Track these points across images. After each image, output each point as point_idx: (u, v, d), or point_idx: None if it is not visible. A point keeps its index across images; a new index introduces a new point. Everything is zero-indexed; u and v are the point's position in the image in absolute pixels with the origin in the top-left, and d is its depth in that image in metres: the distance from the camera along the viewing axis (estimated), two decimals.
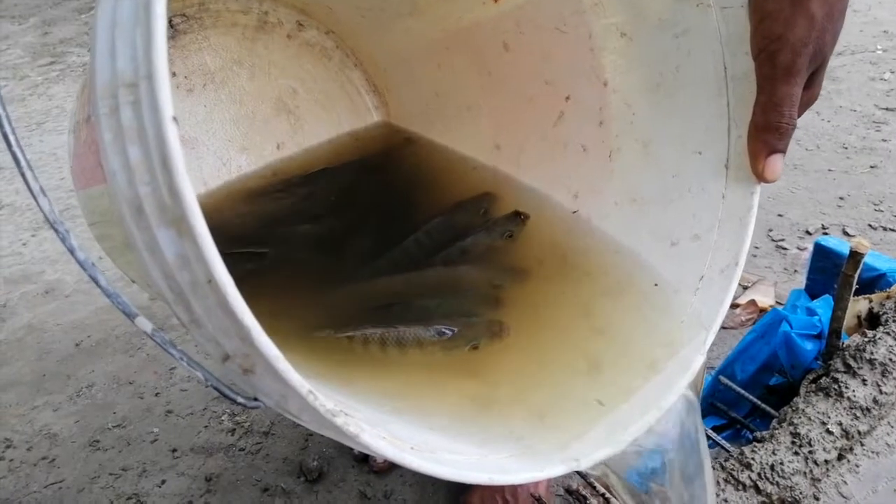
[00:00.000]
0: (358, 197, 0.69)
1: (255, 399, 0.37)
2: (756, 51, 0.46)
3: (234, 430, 0.94)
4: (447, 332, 0.53)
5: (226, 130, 0.71)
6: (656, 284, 0.53)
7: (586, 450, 0.41)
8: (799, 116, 0.47)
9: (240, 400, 0.37)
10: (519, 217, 0.65)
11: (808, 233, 1.22)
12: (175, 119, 0.27)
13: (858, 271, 0.61)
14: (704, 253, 0.51)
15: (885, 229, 1.21)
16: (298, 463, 0.87)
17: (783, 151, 0.46)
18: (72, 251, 0.33)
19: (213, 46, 0.69)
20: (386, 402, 0.46)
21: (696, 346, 0.47)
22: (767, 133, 0.46)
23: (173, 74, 0.67)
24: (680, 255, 0.53)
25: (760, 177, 0.47)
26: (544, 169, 0.68)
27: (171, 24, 0.66)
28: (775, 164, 0.46)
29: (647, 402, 0.45)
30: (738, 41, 0.48)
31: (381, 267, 0.61)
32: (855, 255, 0.60)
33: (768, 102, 0.45)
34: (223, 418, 0.96)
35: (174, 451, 0.92)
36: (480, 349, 0.52)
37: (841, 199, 1.31)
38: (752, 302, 1.03)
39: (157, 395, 1.02)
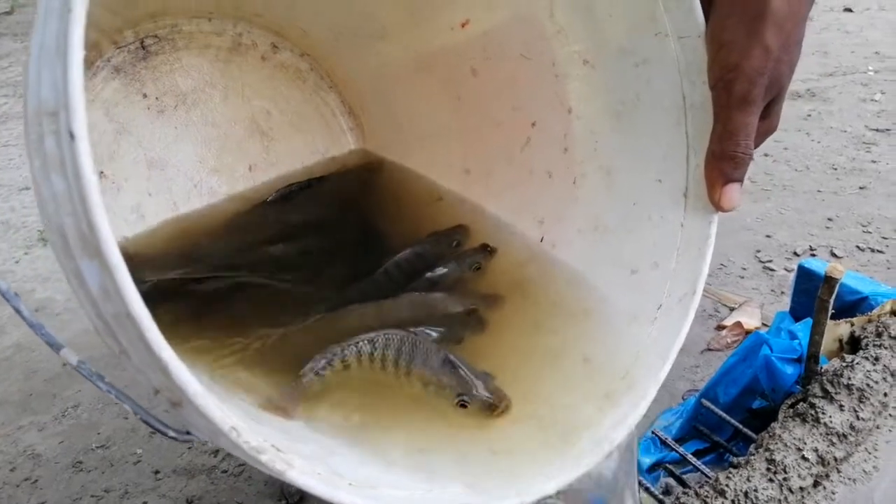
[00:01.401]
0: (329, 222, 0.70)
1: (188, 433, 0.37)
2: (713, 80, 0.46)
3: (217, 451, 0.93)
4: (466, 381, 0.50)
5: (197, 152, 0.71)
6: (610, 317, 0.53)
7: (535, 485, 0.40)
8: (756, 146, 0.47)
9: (171, 434, 0.37)
10: (487, 250, 0.66)
11: (795, 254, 1.22)
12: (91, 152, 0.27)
13: (834, 296, 0.61)
14: (663, 281, 0.51)
15: (872, 251, 1.21)
16: (280, 486, 0.87)
17: (740, 181, 0.47)
18: None
19: (185, 67, 0.70)
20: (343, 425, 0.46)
21: (652, 377, 0.46)
22: (723, 162, 0.46)
23: (144, 95, 0.67)
24: (640, 284, 0.53)
25: (717, 206, 0.48)
26: (512, 194, 0.68)
27: (142, 45, 0.66)
28: (732, 193, 0.47)
29: (600, 435, 0.44)
30: (696, 70, 0.48)
31: (351, 297, 0.61)
32: (830, 280, 0.60)
33: (724, 131, 0.46)
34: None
35: (157, 472, 0.92)
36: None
37: (829, 220, 1.31)
38: (739, 324, 1.03)
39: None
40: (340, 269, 0.64)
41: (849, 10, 2.39)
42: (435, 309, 0.59)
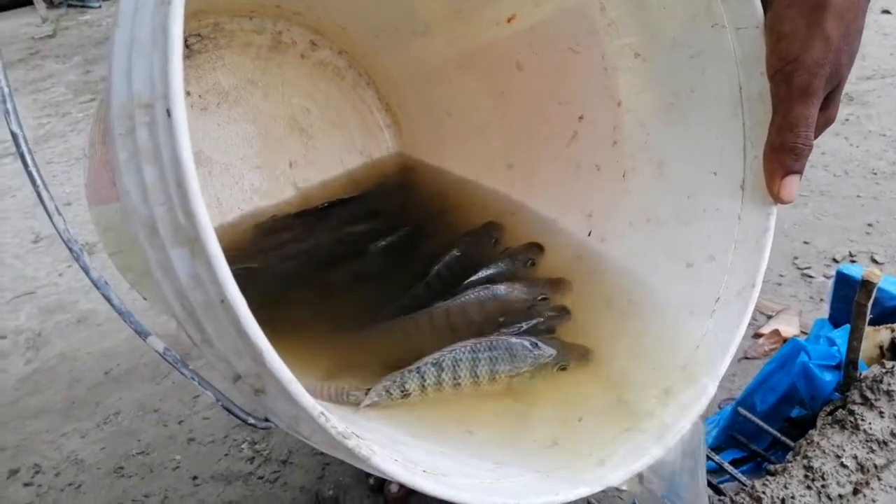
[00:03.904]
0: (372, 228, 0.70)
1: (266, 420, 0.38)
2: (772, 71, 0.46)
3: (254, 458, 0.95)
4: (546, 352, 0.52)
5: (239, 148, 0.72)
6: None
7: (600, 475, 0.41)
8: (815, 138, 0.47)
9: (251, 420, 0.38)
10: (537, 246, 0.66)
11: (834, 260, 1.20)
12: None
13: (871, 300, 0.60)
14: (720, 275, 0.50)
15: None
16: (315, 492, 0.88)
17: (800, 172, 0.46)
18: (85, 270, 0.35)
19: (227, 66, 0.71)
20: (406, 420, 0.47)
21: (712, 371, 0.47)
22: (783, 154, 0.46)
23: (188, 94, 0.69)
24: (696, 277, 0.52)
25: (776, 198, 0.47)
26: (557, 189, 0.68)
27: (186, 44, 0.68)
28: (791, 185, 0.46)
29: (663, 427, 0.44)
30: (754, 62, 0.48)
31: (406, 304, 0.61)
32: (867, 284, 0.59)
33: (784, 123, 0.45)
34: (243, 446, 0.97)
35: (195, 478, 0.94)
36: (568, 371, 0.52)
37: (869, 225, 1.28)
38: (776, 331, 1.01)
39: (180, 422, 1.03)
40: (390, 275, 0.65)
41: (887, 11, 2.34)
42: (504, 300, 0.60)
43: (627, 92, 0.60)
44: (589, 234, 0.63)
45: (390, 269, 0.66)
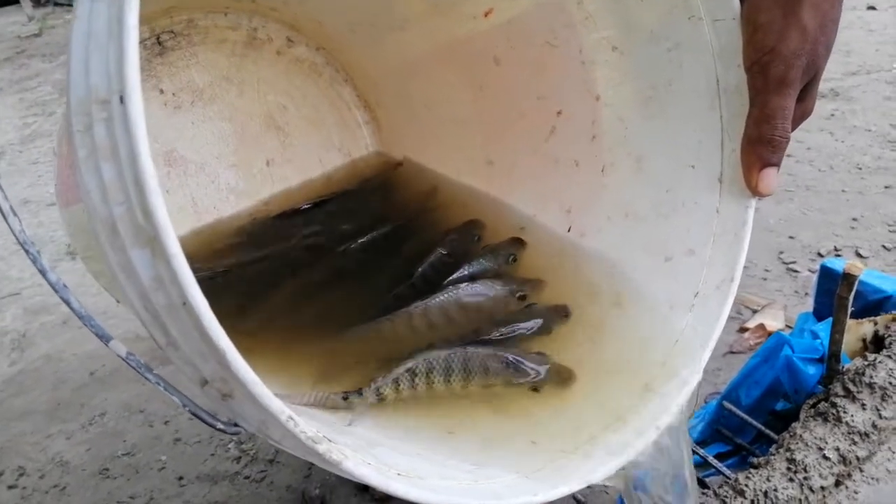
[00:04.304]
0: (353, 227, 0.70)
1: (236, 425, 0.37)
2: (748, 63, 0.46)
3: (240, 457, 0.94)
4: (521, 375, 0.52)
5: (214, 147, 0.71)
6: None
7: (580, 473, 0.40)
8: (793, 130, 0.47)
9: (219, 426, 0.37)
10: (518, 241, 0.66)
11: (819, 255, 1.20)
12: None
13: (853, 293, 0.60)
14: (699, 268, 0.50)
15: None
16: (301, 491, 0.88)
17: (777, 165, 0.46)
18: (43, 273, 0.34)
19: (201, 63, 0.70)
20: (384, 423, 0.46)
21: (692, 364, 0.46)
22: (760, 146, 0.46)
23: (160, 91, 0.68)
24: (674, 271, 0.52)
25: (754, 191, 0.47)
26: (537, 184, 0.68)
27: (158, 41, 0.66)
28: (769, 177, 0.46)
29: (644, 423, 0.44)
30: (731, 53, 0.48)
31: (391, 305, 0.61)
32: (848, 277, 0.59)
33: (761, 115, 0.45)
34: (230, 446, 0.97)
35: (181, 478, 0.93)
36: (541, 392, 0.52)
37: (854, 220, 1.29)
38: (762, 326, 1.01)
39: (166, 423, 1.03)
40: (371, 274, 0.64)
41: (872, 7, 2.36)
42: (483, 299, 0.60)
43: (605, 86, 0.60)
44: (569, 230, 0.63)
45: (372, 268, 0.66)
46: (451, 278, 0.63)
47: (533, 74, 0.65)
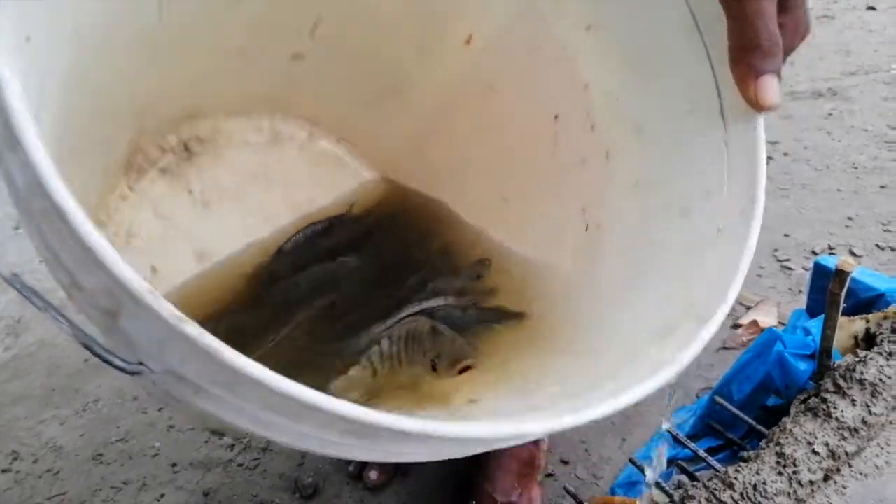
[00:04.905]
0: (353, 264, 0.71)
1: (141, 364, 0.32)
2: None
3: (233, 445, 0.95)
4: None
5: (241, 242, 0.73)
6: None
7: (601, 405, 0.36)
8: (791, 50, 0.44)
9: (117, 363, 0.32)
10: (486, 261, 0.69)
11: (814, 253, 1.21)
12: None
13: (845, 290, 0.61)
14: (719, 206, 0.48)
15: (893, 250, 1.20)
16: (294, 479, 0.88)
17: (774, 72, 0.42)
18: None
19: (227, 164, 0.72)
20: None
21: (719, 299, 0.42)
22: (747, 55, 0.42)
23: (189, 192, 0.70)
24: (695, 220, 0.50)
25: (755, 104, 0.43)
26: (551, 200, 0.67)
27: (186, 147, 0.69)
28: (766, 85, 0.42)
29: (664, 358, 0.40)
30: None
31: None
32: (840, 274, 0.60)
33: (738, 24, 0.42)
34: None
35: (174, 465, 0.94)
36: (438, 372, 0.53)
37: (849, 219, 1.30)
38: (755, 322, 1.02)
39: (160, 410, 1.03)
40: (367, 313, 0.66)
41: (872, 8, 2.36)
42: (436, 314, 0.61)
43: (590, 69, 0.60)
44: (586, 229, 0.62)
45: (363, 300, 0.67)
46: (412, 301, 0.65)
47: (526, 87, 0.66)
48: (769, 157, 1.49)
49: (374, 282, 0.69)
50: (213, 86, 0.67)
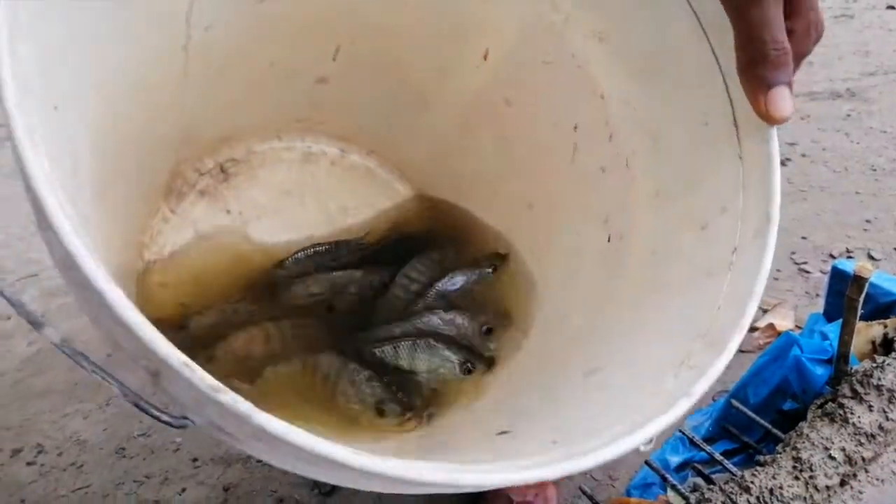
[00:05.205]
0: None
1: (185, 418, 0.35)
2: None
3: None
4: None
5: (277, 255, 0.75)
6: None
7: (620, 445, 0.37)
8: (807, 52, 0.43)
9: (164, 418, 0.36)
10: (499, 255, 0.71)
11: (832, 256, 1.21)
12: None
13: (863, 295, 0.61)
14: (734, 223, 0.47)
15: None
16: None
17: (785, 83, 0.41)
18: None
19: (262, 183, 0.76)
20: None
21: (735, 325, 0.42)
22: (756, 67, 0.41)
23: (227, 212, 0.73)
24: (711, 235, 0.49)
25: (766, 117, 0.42)
26: (574, 209, 0.68)
27: (222, 169, 0.73)
28: (776, 98, 0.41)
29: (680, 392, 0.39)
30: None
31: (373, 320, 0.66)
32: (858, 279, 0.60)
33: (744, 35, 0.42)
34: None
35: (195, 460, 0.95)
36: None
37: (868, 221, 1.29)
38: (771, 325, 1.02)
39: None
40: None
41: (892, 7, 2.34)
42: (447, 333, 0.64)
43: (605, 79, 0.60)
44: (608, 240, 0.62)
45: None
46: (437, 286, 0.69)
47: (543, 101, 0.67)
48: (787, 159, 1.49)
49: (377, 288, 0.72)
50: (244, 113, 0.70)
